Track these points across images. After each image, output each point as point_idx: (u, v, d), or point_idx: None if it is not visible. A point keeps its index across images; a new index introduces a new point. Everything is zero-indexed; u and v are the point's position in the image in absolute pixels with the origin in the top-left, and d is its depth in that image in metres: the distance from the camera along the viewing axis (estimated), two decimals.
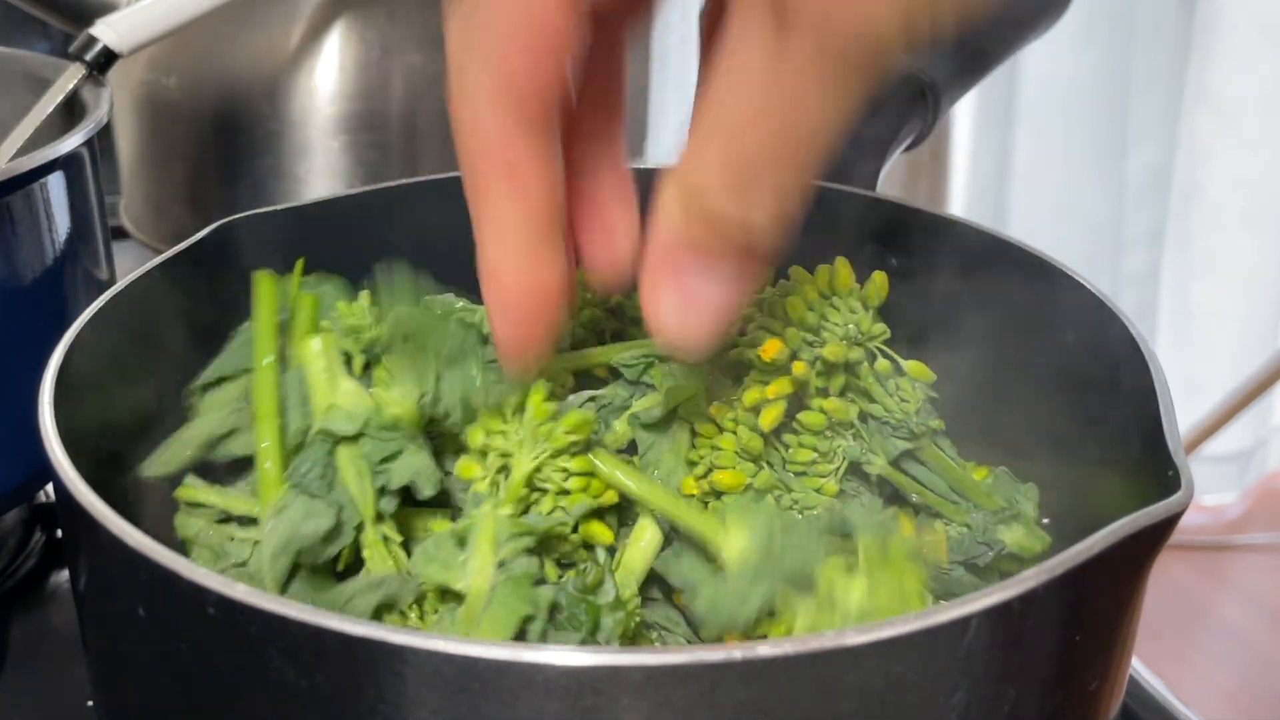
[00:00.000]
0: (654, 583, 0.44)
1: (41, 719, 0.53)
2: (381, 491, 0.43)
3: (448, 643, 0.30)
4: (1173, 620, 1.74)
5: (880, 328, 0.46)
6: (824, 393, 0.46)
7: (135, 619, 0.35)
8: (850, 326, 0.45)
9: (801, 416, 0.46)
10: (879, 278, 0.46)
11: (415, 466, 0.43)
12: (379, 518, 0.43)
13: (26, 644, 0.57)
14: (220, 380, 0.49)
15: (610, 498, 0.42)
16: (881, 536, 0.38)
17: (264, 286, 0.48)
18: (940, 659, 0.32)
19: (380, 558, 0.43)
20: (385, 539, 0.43)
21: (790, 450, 0.47)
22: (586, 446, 0.42)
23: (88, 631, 0.40)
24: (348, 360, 0.47)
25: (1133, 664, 0.55)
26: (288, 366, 0.47)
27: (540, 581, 0.39)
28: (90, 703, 0.53)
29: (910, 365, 0.47)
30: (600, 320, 0.54)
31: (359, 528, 0.43)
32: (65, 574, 0.62)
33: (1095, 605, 0.35)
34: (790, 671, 0.30)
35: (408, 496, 0.44)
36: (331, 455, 0.43)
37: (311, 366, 0.45)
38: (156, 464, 0.47)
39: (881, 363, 0.47)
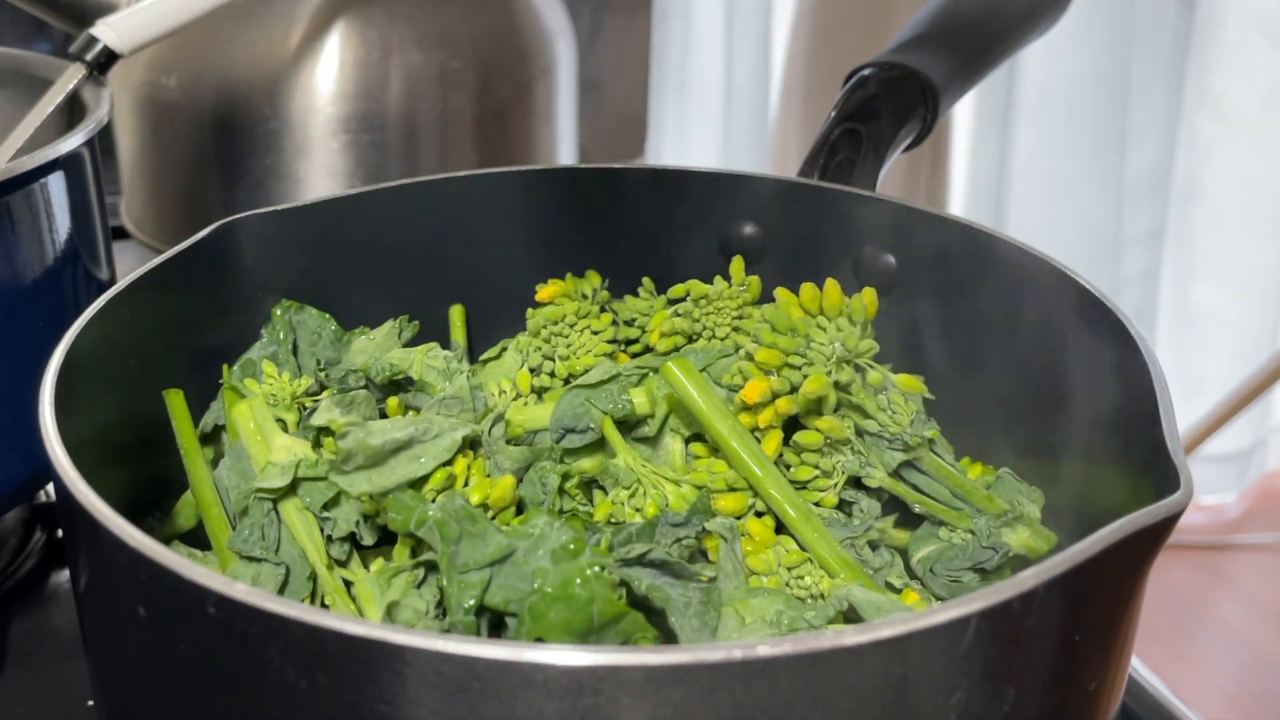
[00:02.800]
0: None
1: (41, 719, 0.53)
2: (330, 539, 0.44)
3: (448, 642, 0.30)
4: (1173, 620, 1.74)
5: (867, 344, 0.46)
6: (818, 412, 0.46)
7: (135, 619, 0.35)
8: (837, 345, 0.45)
9: (798, 437, 0.46)
10: (868, 294, 0.46)
11: (358, 512, 0.44)
12: (337, 564, 0.44)
13: (26, 644, 0.57)
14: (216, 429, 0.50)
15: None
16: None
17: (175, 403, 0.49)
18: (940, 659, 0.32)
19: (344, 604, 0.43)
20: (346, 584, 0.44)
21: (792, 470, 0.47)
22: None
23: (88, 631, 0.40)
24: (282, 425, 0.48)
25: (1133, 664, 0.55)
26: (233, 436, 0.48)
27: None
28: (90, 703, 0.53)
29: (901, 379, 0.47)
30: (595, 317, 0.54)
31: (312, 577, 0.43)
32: (65, 574, 0.62)
33: (1095, 605, 0.35)
34: (790, 671, 0.30)
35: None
36: (274, 513, 0.44)
37: (244, 430, 0.46)
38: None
39: (874, 375, 0.46)
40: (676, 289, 0.55)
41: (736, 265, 0.55)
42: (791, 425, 0.47)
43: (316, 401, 0.50)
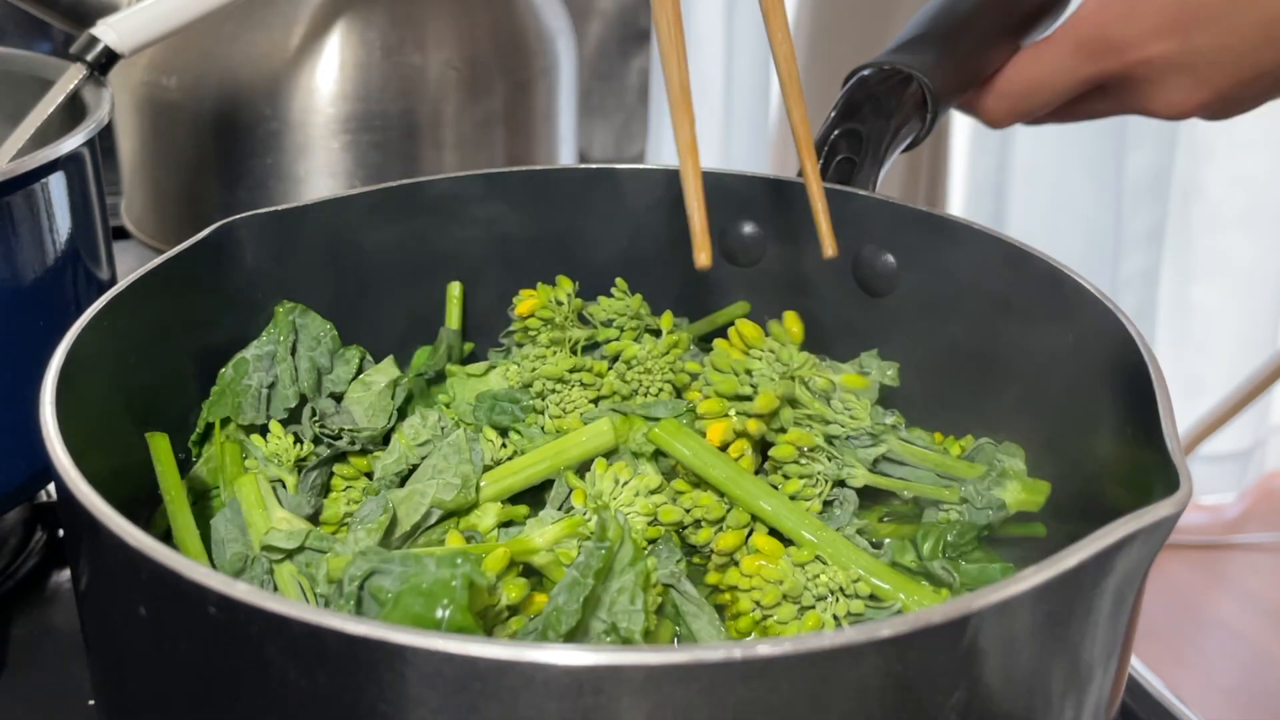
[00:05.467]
0: None
1: (41, 719, 0.53)
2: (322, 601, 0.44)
3: (448, 642, 0.30)
4: (1172, 620, 1.74)
5: (802, 356, 0.48)
6: (782, 430, 0.47)
7: (136, 619, 0.35)
8: (775, 366, 0.47)
9: (773, 453, 0.47)
10: (789, 318, 0.49)
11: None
12: None
13: (27, 644, 0.57)
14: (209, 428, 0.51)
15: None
16: None
17: (159, 446, 0.49)
18: (940, 659, 0.32)
19: None
20: None
21: (779, 489, 0.47)
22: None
23: (89, 631, 0.40)
24: (281, 484, 0.50)
25: (1133, 664, 0.55)
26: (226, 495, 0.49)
27: None
28: (90, 703, 0.53)
29: (845, 379, 0.49)
30: (566, 326, 0.54)
31: None
32: (66, 574, 0.62)
33: (1095, 605, 0.35)
34: (790, 671, 0.30)
35: None
36: (269, 575, 0.45)
37: (245, 501, 0.47)
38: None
39: (820, 381, 0.48)
40: (610, 347, 0.55)
41: (667, 319, 0.56)
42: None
43: (316, 456, 0.51)
